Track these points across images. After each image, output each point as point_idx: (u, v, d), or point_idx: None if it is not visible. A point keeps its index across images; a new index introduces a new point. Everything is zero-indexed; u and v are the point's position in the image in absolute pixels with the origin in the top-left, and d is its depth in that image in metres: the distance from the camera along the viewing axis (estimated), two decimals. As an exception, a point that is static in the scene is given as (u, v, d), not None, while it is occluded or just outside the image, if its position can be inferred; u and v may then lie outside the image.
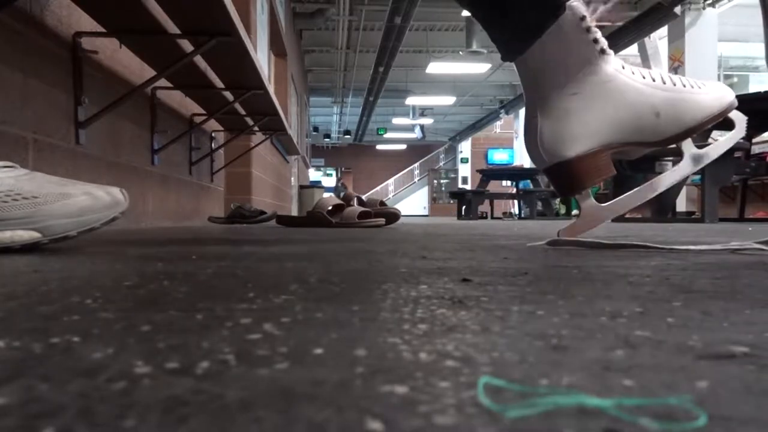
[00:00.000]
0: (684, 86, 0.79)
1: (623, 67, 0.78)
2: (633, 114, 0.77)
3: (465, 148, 17.60)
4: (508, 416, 0.13)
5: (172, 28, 1.61)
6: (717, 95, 0.81)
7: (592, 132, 0.78)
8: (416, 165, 19.57)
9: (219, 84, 2.12)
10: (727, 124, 0.86)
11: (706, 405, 0.14)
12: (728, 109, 0.82)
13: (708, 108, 0.79)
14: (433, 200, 17.85)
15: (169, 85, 2.11)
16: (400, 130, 17.63)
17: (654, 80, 0.78)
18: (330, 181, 19.13)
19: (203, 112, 2.55)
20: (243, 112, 2.64)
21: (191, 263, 0.51)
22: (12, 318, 0.25)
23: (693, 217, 4.08)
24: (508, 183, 8.63)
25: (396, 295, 0.32)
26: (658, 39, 8.36)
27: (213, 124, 2.93)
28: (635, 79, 0.78)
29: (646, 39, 8.31)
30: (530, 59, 0.79)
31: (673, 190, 3.61)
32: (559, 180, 0.81)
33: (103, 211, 0.69)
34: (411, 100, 13.04)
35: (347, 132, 17.73)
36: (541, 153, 0.80)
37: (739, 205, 3.79)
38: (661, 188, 0.84)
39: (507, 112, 13.16)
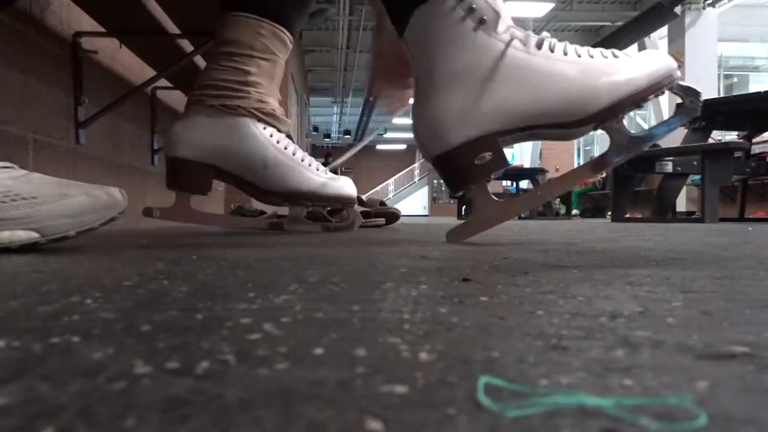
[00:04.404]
0: (605, 57, 0.70)
1: (522, 42, 0.69)
2: (532, 95, 0.68)
3: (465, 148, 17.56)
4: (508, 416, 0.13)
5: (172, 28, 1.61)
6: (645, 66, 0.71)
7: (475, 118, 0.70)
8: (416, 165, 19.58)
9: (219, 84, 2.12)
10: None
11: (706, 405, 0.14)
12: (662, 82, 0.71)
13: (634, 81, 0.69)
14: (433, 200, 17.84)
15: (169, 85, 2.11)
16: (400, 130, 17.63)
17: (566, 54, 0.69)
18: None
19: (203, 112, 2.55)
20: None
21: (191, 263, 0.51)
22: (12, 318, 0.25)
23: (693, 217, 4.08)
24: (508, 183, 8.64)
25: (396, 295, 0.32)
26: (659, 39, 8.37)
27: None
28: (541, 54, 0.69)
29: (646, 39, 8.31)
30: (409, 35, 0.73)
31: (673, 190, 3.61)
32: (444, 174, 0.74)
33: (101, 212, 0.69)
34: (411, 100, 13.04)
35: (347, 132, 17.73)
36: (422, 144, 0.74)
37: (739, 205, 3.79)
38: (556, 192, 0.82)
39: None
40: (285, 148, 1.03)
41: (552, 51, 0.69)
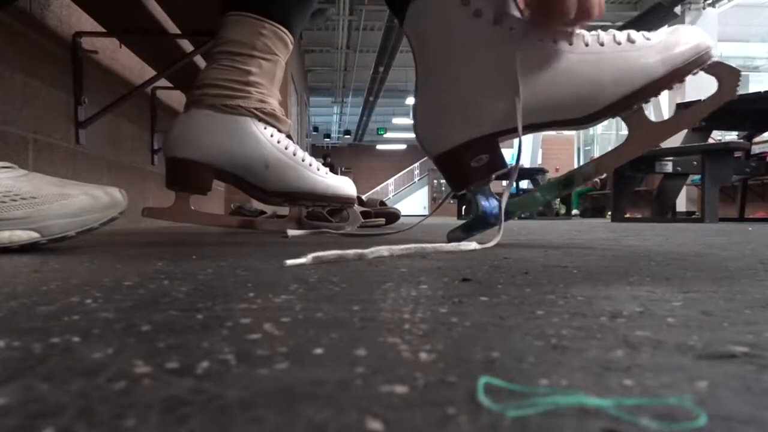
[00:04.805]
0: (618, 44, 0.65)
1: (522, 34, 0.64)
2: (533, 93, 0.64)
3: (465, 148, 17.56)
4: (508, 416, 0.13)
5: (172, 28, 1.61)
6: (664, 51, 0.64)
7: (473, 119, 0.67)
8: (416, 165, 19.58)
9: (219, 84, 2.12)
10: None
11: (706, 405, 0.14)
12: (687, 67, 0.65)
13: (648, 71, 0.64)
14: (433, 200, 17.83)
15: (169, 85, 2.11)
16: (400, 130, 17.64)
17: (571, 44, 0.65)
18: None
19: (203, 112, 2.55)
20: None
21: (191, 263, 0.51)
22: (12, 318, 0.25)
23: (693, 217, 4.08)
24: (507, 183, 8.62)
25: (396, 295, 0.32)
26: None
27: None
28: (543, 46, 0.64)
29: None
30: (408, 29, 0.71)
31: (673, 190, 3.61)
32: (444, 173, 0.74)
33: (101, 212, 0.69)
34: (411, 100, 13.06)
35: (347, 132, 17.75)
36: (422, 144, 0.73)
37: (739, 205, 3.79)
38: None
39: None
40: (286, 148, 1.03)
41: (555, 42, 0.64)
